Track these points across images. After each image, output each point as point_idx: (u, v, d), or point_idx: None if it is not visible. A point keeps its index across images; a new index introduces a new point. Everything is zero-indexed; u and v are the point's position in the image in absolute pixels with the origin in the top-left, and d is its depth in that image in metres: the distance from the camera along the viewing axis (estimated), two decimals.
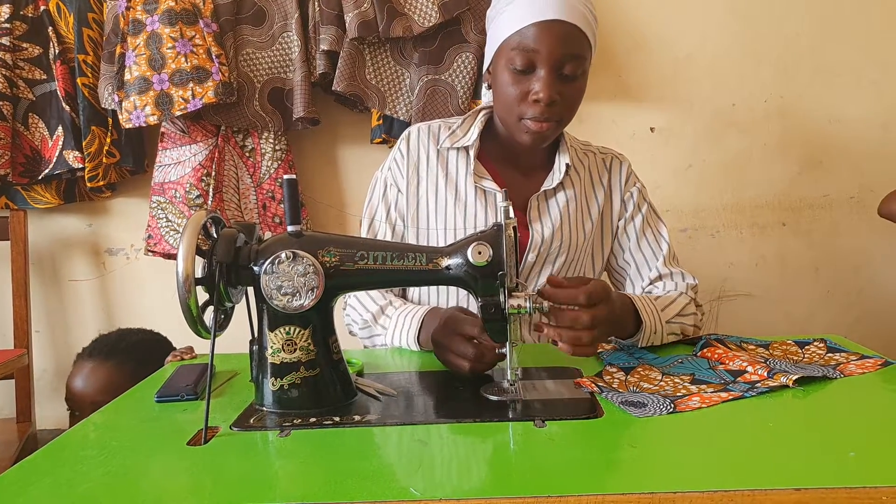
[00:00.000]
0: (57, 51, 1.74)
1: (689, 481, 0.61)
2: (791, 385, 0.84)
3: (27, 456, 0.72)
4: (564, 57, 1.06)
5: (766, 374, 0.87)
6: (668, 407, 0.78)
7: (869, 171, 1.93)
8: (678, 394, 0.84)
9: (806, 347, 1.04)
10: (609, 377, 0.91)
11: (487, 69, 1.17)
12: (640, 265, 1.24)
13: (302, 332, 0.81)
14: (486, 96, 1.26)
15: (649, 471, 0.65)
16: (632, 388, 0.87)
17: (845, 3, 1.88)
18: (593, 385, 0.86)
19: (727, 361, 0.95)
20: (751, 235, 1.96)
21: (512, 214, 0.82)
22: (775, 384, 0.84)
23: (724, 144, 1.93)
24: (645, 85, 1.91)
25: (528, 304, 0.81)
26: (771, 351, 1.03)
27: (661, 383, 0.88)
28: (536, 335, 1.24)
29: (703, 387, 0.86)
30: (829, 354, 1.00)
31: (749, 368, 0.90)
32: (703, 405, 0.79)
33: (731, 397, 0.81)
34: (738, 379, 0.88)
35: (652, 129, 1.92)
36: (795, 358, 0.99)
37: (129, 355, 1.51)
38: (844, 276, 1.98)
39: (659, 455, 0.69)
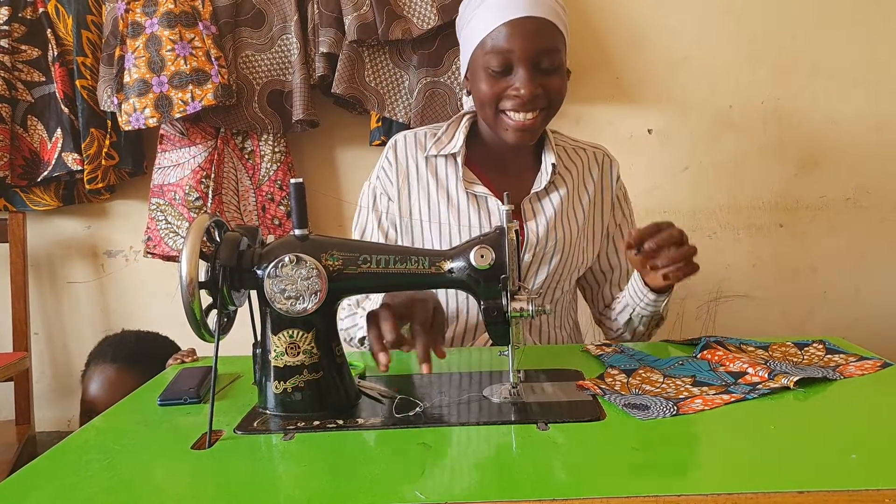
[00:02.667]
0: (56, 53, 1.73)
1: (692, 484, 0.61)
2: (792, 386, 0.84)
3: (26, 458, 0.72)
4: (539, 52, 1.08)
5: (766, 375, 0.88)
6: (672, 409, 0.78)
7: (865, 172, 1.94)
8: (680, 396, 0.84)
9: (805, 349, 1.04)
10: (611, 379, 0.92)
11: (465, 75, 1.18)
12: (623, 275, 1.31)
13: (305, 336, 0.81)
14: (467, 102, 1.27)
15: (653, 474, 0.65)
16: (634, 390, 0.87)
17: (841, 5, 1.88)
18: (596, 387, 0.86)
19: (728, 363, 0.95)
20: (748, 236, 1.97)
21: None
22: (776, 385, 0.85)
23: (720, 146, 1.93)
24: (642, 86, 1.91)
25: (530, 308, 0.81)
26: (770, 352, 1.03)
27: (663, 385, 0.89)
28: (537, 337, 1.25)
29: (705, 389, 0.87)
30: (829, 356, 1.00)
31: (750, 370, 0.91)
32: (706, 407, 0.79)
33: (733, 399, 0.81)
34: (740, 381, 0.89)
35: (650, 131, 1.92)
36: (795, 359, 1.00)
37: (154, 361, 1.49)
38: (841, 277, 1.98)
39: (662, 458, 0.69)
